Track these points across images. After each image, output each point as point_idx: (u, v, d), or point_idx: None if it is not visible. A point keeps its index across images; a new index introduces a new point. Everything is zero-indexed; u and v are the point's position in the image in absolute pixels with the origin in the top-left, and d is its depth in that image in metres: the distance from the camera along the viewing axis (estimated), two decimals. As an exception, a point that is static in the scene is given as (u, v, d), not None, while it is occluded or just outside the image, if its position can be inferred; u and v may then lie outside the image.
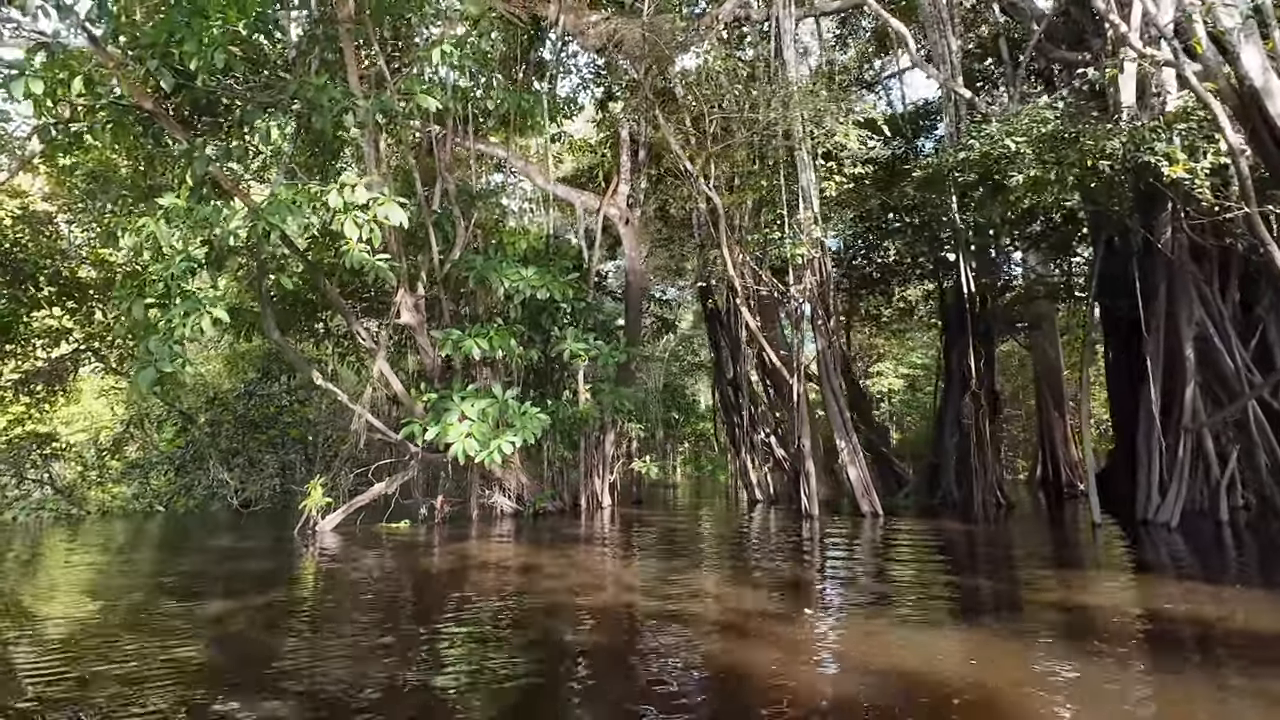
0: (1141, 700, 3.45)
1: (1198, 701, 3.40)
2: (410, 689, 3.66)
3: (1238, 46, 7.56)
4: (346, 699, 3.53)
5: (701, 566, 7.38)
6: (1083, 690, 3.52)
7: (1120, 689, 3.54)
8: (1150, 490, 10.56)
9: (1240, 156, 7.48)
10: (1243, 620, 4.91)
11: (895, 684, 3.62)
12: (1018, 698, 3.41)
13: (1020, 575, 6.78)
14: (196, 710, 3.39)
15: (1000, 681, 3.65)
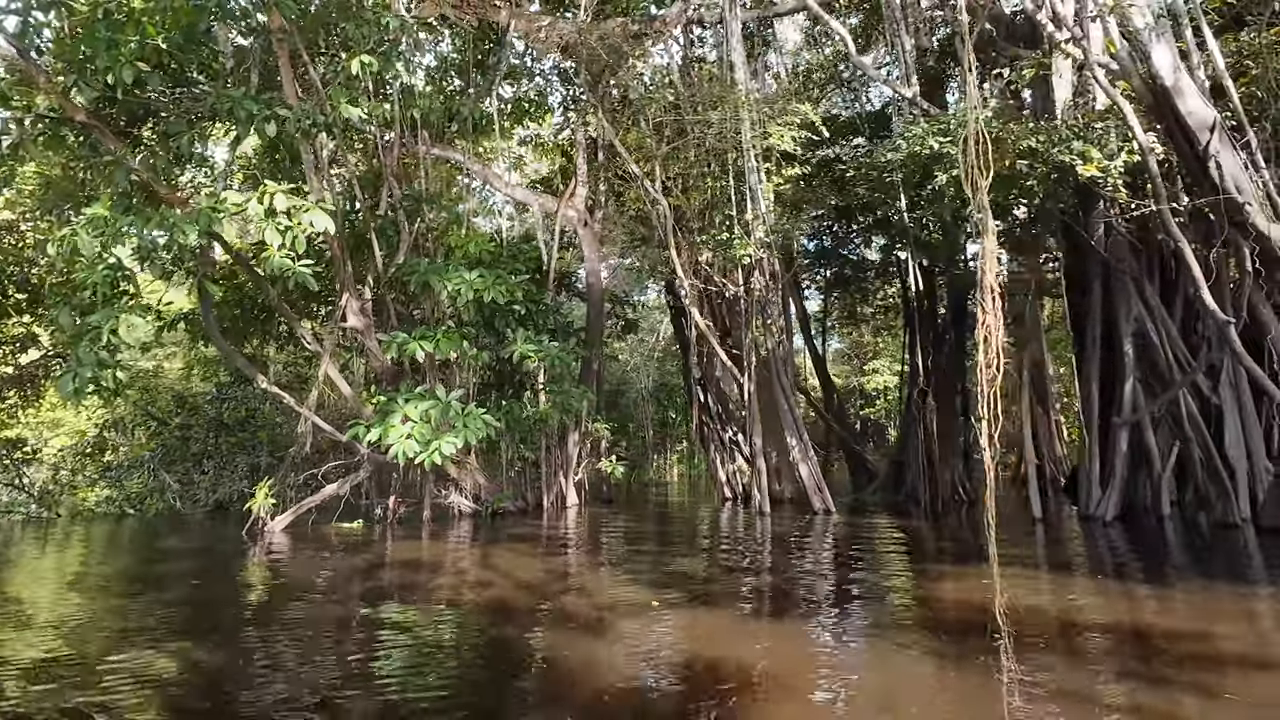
0: (892, 683, 3.66)
1: (948, 686, 3.59)
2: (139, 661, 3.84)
3: (1149, 46, 7.65)
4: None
5: (609, 564, 7.53)
6: (850, 674, 3.74)
7: (885, 676, 3.75)
8: (1091, 485, 10.64)
9: (1150, 155, 7.58)
10: (1081, 613, 5.00)
11: (682, 669, 3.85)
12: (781, 683, 3.60)
13: (912, 569, 6.92)
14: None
15: (780, 668, 3.83)
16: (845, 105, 18.15)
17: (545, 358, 10.95)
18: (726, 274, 12.34)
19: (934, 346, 15.98)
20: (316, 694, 3.58)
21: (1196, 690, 3.41)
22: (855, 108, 17.28)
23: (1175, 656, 3.94)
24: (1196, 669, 3.70)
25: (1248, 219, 7.36)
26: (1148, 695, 3.36)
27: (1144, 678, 3.60)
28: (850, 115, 16.08)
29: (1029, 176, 8.29)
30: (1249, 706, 3.22)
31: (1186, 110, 7.57)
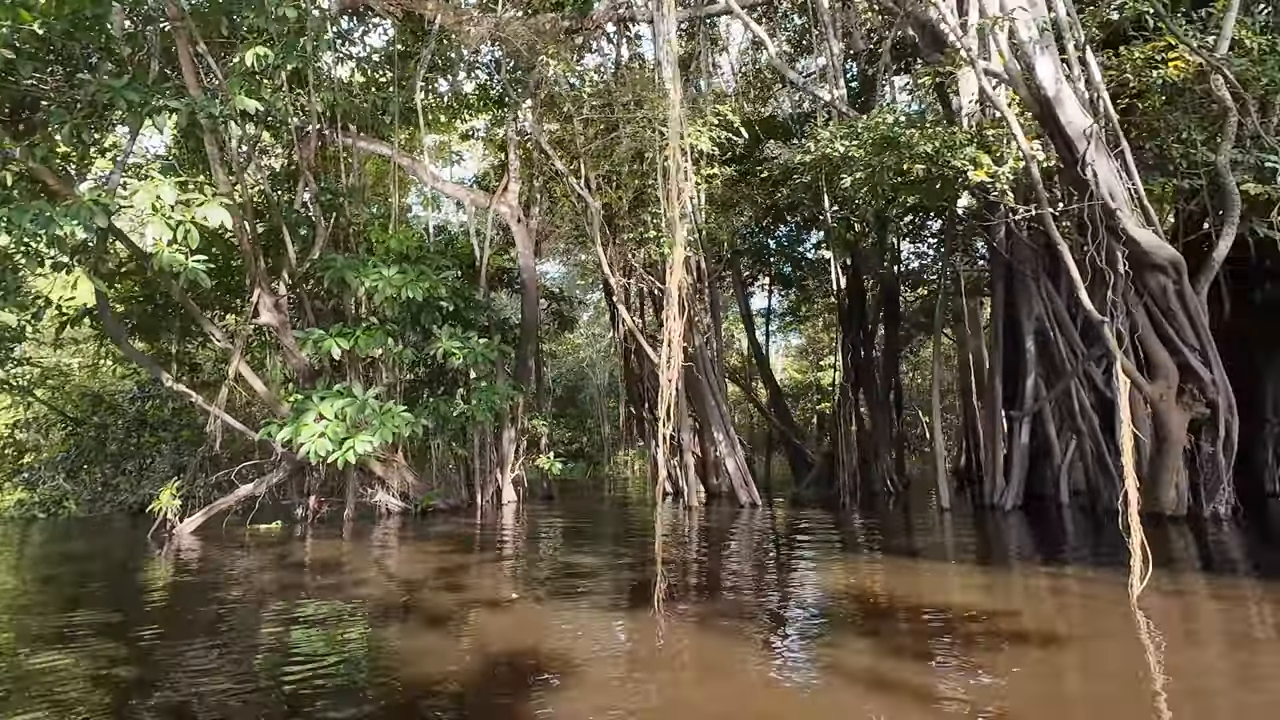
0: (662, 658, 3.98)
1: (715, 662, 3.93)
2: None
3: (1033, 57, 8.03)
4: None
5: (506, 559, 7.61)
6: (638, 663, 3.96)
7: (673, 654, 4.01)
8: (995, 475, 11.15)
9: (1032, 161, 7.97)
10: (909, 596, 5.32)
11: (499, 656, 4.02)
12: (579, 668, 3.78)
13: (793, 559, 7.21)
14: None
15: (581, 654, 4.02)
16: (795, 105, 18.48)
17: (469, 355, 10.91)
18: (653, 271, 12.47)
19: (864, 343, 16.47)
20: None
21: (926, 658, 3.78)
22: (805, 107, 17.61)
23: (949, 631, 4.27)
24: (957, 642, 4.04)
25: (1119, 223, 7.81)
26: (862, 661, 3.74)
27: (890, 649, 3.92)
28: (787, 116, 16.40)
29: (929, 180, 8.60)
30: (960, 670, 3.57)
31: (1066, 119, 7.99)
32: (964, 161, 8.24)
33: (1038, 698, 3.25)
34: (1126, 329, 8.35)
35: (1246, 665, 3.62)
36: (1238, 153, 8.69)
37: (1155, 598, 4.65)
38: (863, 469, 16.13)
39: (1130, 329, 8.32)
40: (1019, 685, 3.38)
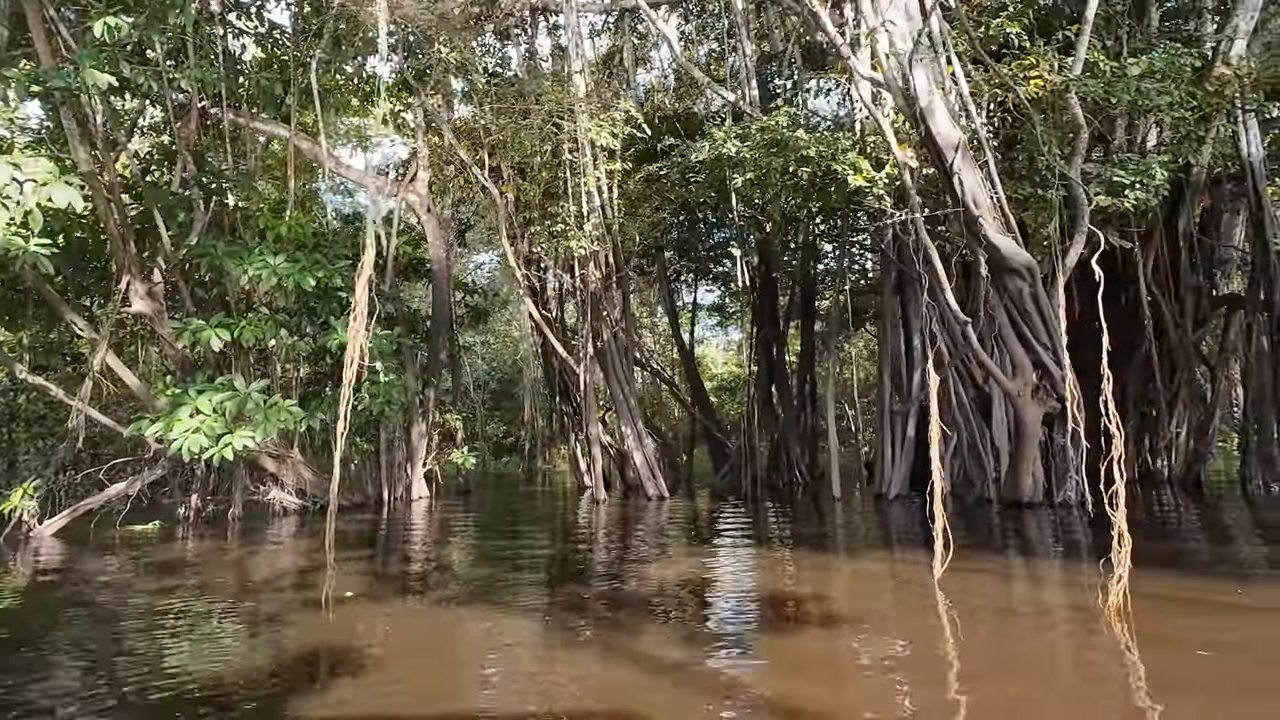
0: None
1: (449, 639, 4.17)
2: None
3: (909, 68, 8.43)
4: None
5: (373, 559, 7.47)
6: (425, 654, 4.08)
7: (438, 655, 4.12)
8: (884, 466, 11.75)
9: (904, 168, 8.38)
10: (733, 583, 5.64)
11: (291, 654, 4.04)
12: (365, 661, 3.86)
13: (646, 549, 7.46)
14: None
15: (377, 649, 4.11)
16: (725, 103, 18.69)
17: (369, 347, 10.58)
18: (562, 264, 12.45)
19: (778, 340, 16.97)
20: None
21: (705, 639, 4.05)
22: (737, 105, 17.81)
23: (746, 614, 4.55)
24: (748, 623, 4.33)
25: (981, 230, 8.33)
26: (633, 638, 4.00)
27: (680, 635, 4.17)
28: (709, 114, 16.62)
29: (814, 182, 8.91)
30: (733, 648, 3.85)
31: (937, 130, 8.44)
32: (845, 166, 8.58)
33: (789, 668, 3.51)
34: (993, 329, 8.93)
35: (992, 633, 4.03)
36: (1097, 166, 9.43)
37: (955, 577, 5.03)
38: (775, 461, 16.72)
39: (994, 328, 8.90)
40: (782, 659, 3.63)
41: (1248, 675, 3.21)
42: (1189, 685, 3.09)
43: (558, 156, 10.44)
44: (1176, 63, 9.04)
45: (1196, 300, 12.30)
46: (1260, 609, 4.27)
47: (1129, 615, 3.91)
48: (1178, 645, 3.61)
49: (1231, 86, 9.36)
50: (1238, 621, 4.05)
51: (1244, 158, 10.16)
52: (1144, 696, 2.99)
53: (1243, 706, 2.88)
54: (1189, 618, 4.21)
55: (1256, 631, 3.82)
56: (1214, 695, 3.00)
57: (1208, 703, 2.93)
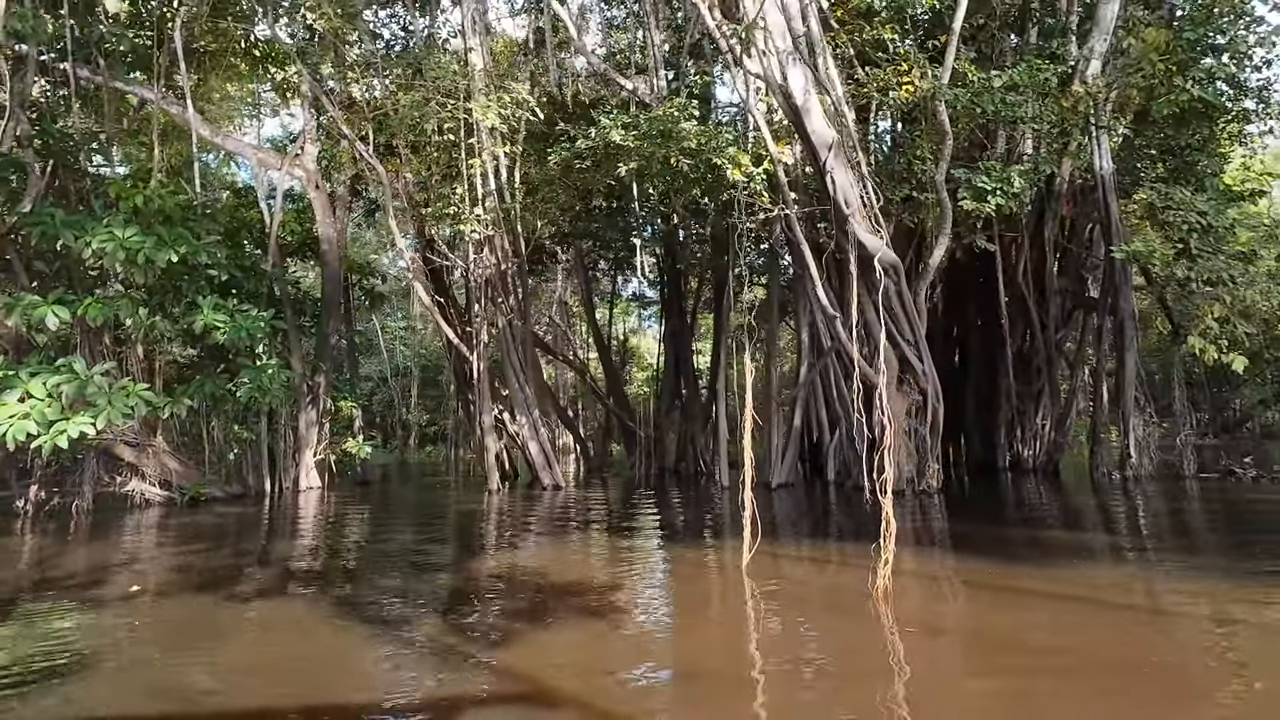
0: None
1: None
2: None
3: (786, 68, 8.59)
4: None
5: (207, 553, 7.10)
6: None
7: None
8: (771, 456, 12.10)
9: (779, 164, 8.56)
10: (547, 572, 5.65)
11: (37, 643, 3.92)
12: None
13: (494, 539, 7.48)
14: None
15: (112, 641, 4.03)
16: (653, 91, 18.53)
17: (233, 329, 9.97)
18: (456, 248, 12.10)
19: (686, 331, 17.17)
20: None
21: (477, 629, 4.06)
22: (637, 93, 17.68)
23: (537, 602, 4.61)
24: (533, 611, 4.37)
25: (851, 227, 8.62)
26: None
27: (459, 624, 4.18)
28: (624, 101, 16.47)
29: (696, 174, 8.95)
30: (494, 635, 3.90)
31: (812, 128, 8.66)
32: (725, 160, 8.67)
33: (530, 656, 3.54)
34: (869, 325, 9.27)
35: (753, 614, 4.23)
36: (966, 172, 9.91)
37: (771, 563, 5.24)
38: (683, 451, 16.96)
39: (866, 324, 9.26)
40: (544, 644, 3.67)
41: (951, 656, 3.47)
42: (889, 667, 3.27)
43: (453, 136, 10.06)
44: (1037, 77, 9.62)
45: (1060, 302, 13.24)
46: (1031, 591, 4.61)
47: (891, 598, 4.12)
48: (920, 626, 3.85)
49: (1084, 103, 10.04)
50: (1003, 603, 4.36)
51: (1096, 171, 10.96)
52: (829, 674, 3.19)
53: (926, 688, 3.04)
54: (956, 601, 4.52)
55: (1006, 614, 4.12)
56: (901, 676, 3.16)
57: (882, 682, 3.09)
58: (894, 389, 9.22)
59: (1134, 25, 10.50)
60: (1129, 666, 3.15)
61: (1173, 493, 9.68)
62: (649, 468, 16.80)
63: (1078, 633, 3.61)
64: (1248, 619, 3.78)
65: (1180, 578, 4.86)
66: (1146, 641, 3.54)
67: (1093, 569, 5.19)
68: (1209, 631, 3.68)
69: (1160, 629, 3.79)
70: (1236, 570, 5.02)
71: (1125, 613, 3.98)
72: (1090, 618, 3.87)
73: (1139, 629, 3.75)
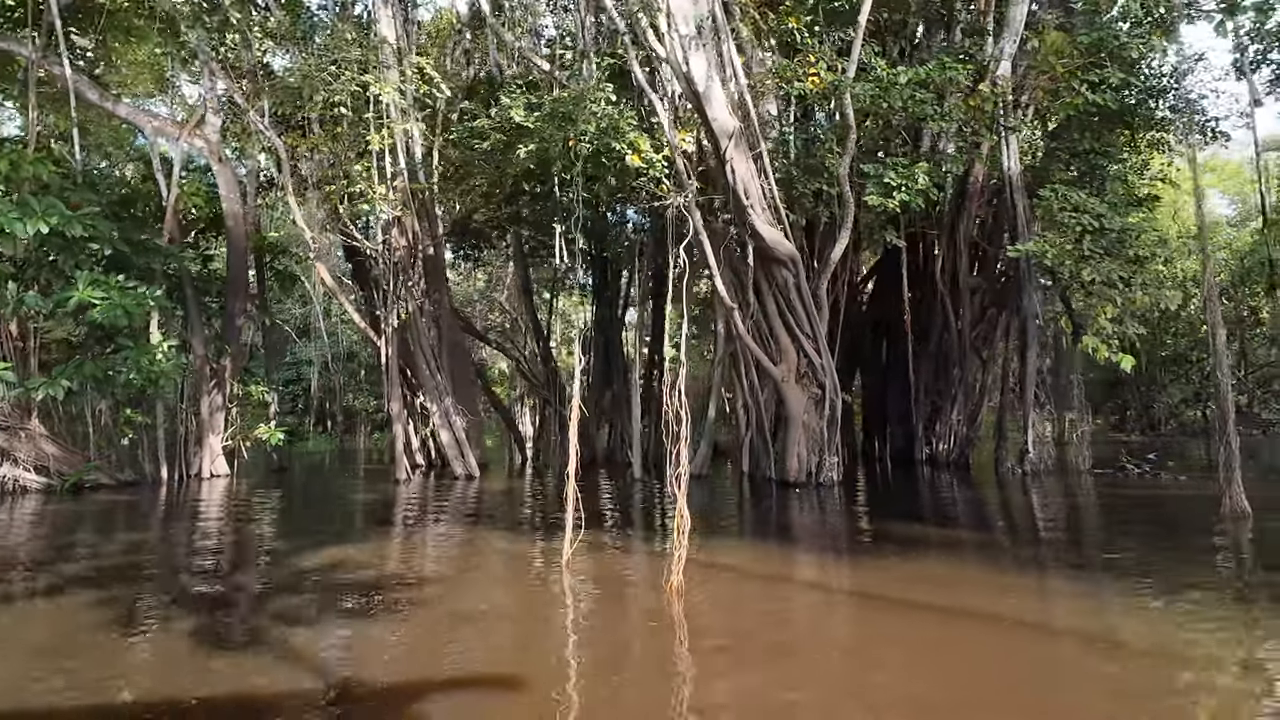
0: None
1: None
2: None
3: (688, 53, 8.42)
4: None
5: (30, 543, 6.73)
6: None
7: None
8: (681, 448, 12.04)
9: (677, 152, 8.41)
10: (376, 566, 5.52)
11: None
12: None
13: (348, 531, 7.30)
14: None
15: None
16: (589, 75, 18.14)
17: (110, 308, 9.39)
18: (366, 230, 11.66)
19: (615, 320, 17.00)
20: None
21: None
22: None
23: (344, 599, 4.47)
24: (339, 606, 4.24)
25: (750, 219, 8.54)
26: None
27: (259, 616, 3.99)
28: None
29: (595, 158, 8.74)
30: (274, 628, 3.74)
31: (713, 116, 8.53)
32: (624, 145, 8.48)
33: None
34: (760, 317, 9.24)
35: (539, 602, 4.21)
36: (874, 167, 9.92)
37: (598, 557, 5.17)
38: (613, 442, 16.85)
39: (764, 314, 9.23)
40: (286, 646, 3.51)
41: (670, 648, 3.44)
42: (635, 654, 3.21)
43: (345, 110, 9.60)
44: (945, 75, 9.67)
45: (974, 300, 13.48)
46: (811, 584, 4.65)
47: (682, 592, 4.07)
48: (697, 617, 3.83)
49: (990, 102, 10.15)
50: (775, 594, 4.41)
51: (1004, 171, 11.12)
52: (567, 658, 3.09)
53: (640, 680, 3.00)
54: (748, 591, 4.51)
55: (764, 605, 4.16)
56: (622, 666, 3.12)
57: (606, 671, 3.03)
58: (792, 381, 9.23)
59: (1043, 27, 10.65)
60: (795, 651, 3.17)
61: (1053, 487, 9.94)
62: (579, 458, 16.62)
63: (806, 622, 3.73)
64: (979, 612, 3.82)
65: (958, 573, 4.91)
66: (856, 631, 3.62)
67: (901, 562, 5.24)
68: (911, 621, 3.77)
69: (873, 620, 3.87)
70: (1036, 563, 5.16)
71: (871, 602, 4.06)
72: (838, 608, 3.95)
73: (872, 616, 3.82)
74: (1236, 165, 30.42)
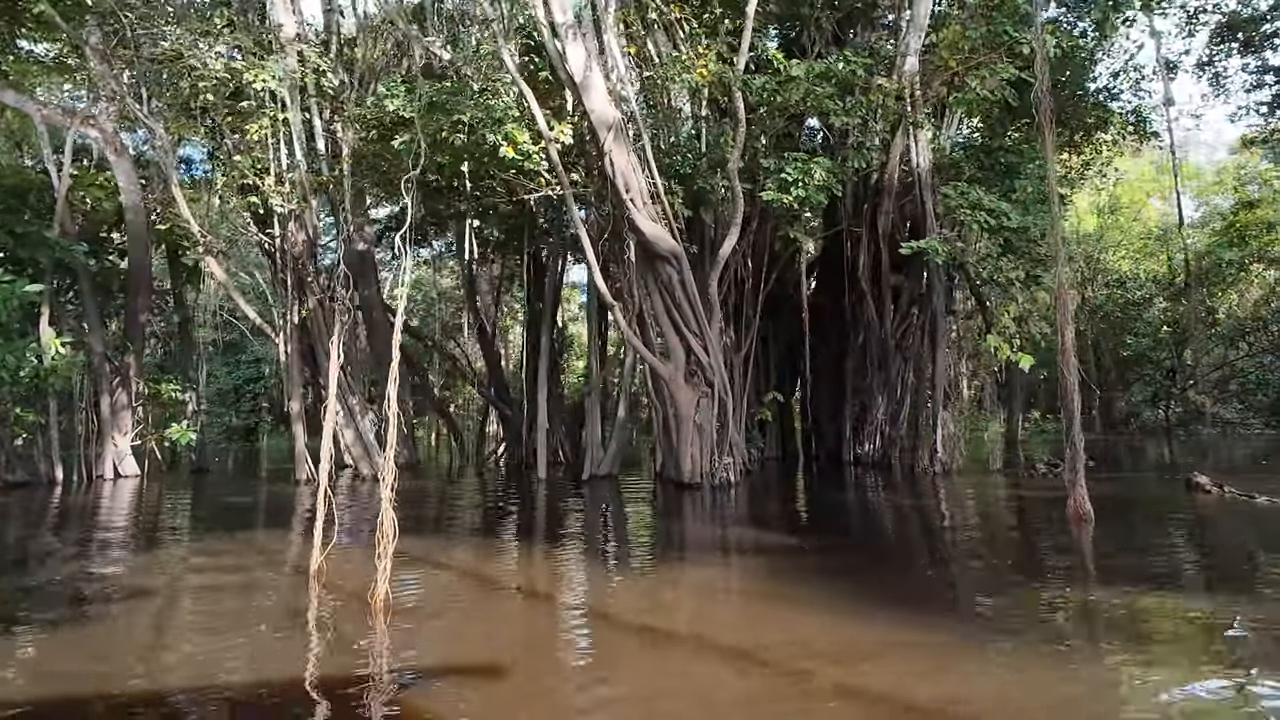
0: None
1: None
2: None
3: (565, 42, 8.18)
4: None
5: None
6: None
7: None
8: (591, 447, 11.84)
9: (551, 142, 8.18)
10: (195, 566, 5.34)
11: None
12: None
13: (163, 537, 6.98)
14: None
15: None
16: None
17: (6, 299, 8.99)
18: (266, 220, 11.31)
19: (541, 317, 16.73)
20: None
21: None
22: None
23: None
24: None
25: (630, 213, 8.32)
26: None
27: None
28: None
29: (469, 149, 8.48)
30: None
31: (590, 107, 8.29)
32: (499, 136, 8.23)
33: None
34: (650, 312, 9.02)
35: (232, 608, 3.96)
36: (774, 162, 9.74)
37: (357, 564, 4.94)
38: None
39: (653, 312, 9.01)
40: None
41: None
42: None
43: (211, 96, 9.26)
44: (847, 69, 9.50)
45: (895, 298, 13.37)
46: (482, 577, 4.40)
47: (323, 582, 3.86)
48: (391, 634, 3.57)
49: (890, 97, 10.01)
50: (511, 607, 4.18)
51: (914, 167, 11.01)
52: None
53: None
54: (458, 603, 4.24)
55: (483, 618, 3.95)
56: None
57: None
58: (681, 380, 9.03)
59: (948, 22, 10.54)
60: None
61: (949, 487, 9.80)
62: (516, 454, 16.35)
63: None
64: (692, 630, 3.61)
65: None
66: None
67: (679, 571, 5.07)
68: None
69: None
70: (805, 569, 4.99)
71: (599, 621, 3.84)
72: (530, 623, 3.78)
73: (579, 633, 3.63)
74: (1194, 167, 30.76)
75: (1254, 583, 4.28)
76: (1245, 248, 19.65)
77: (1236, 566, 4.86)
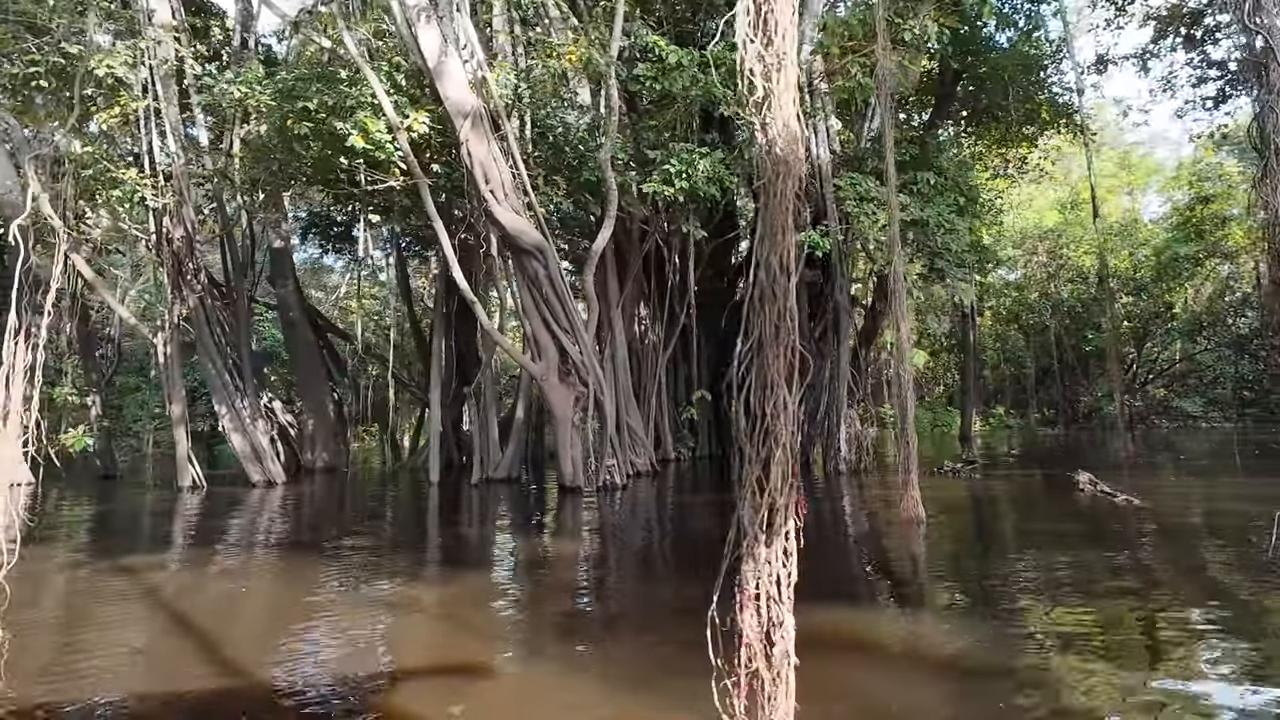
0: None
1: None
2: None
3: (416, 27, 7.78)
4: None
5: None
6: None
7: None
8: (489, 449, 11.45)
9: (402, 132, 7.77)
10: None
11: None
12: None
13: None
14: None
15: None
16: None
17: None
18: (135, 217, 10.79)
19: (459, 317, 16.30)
20: None
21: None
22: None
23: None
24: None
25: (489, 205, 7.94)
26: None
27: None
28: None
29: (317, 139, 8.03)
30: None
31: (447, 95, 7.90)
32: (349, 125, 7.81)
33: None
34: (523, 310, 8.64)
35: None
36: (661, 154, 9.40)
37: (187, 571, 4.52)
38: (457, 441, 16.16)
39: (524, 309, 8.64)
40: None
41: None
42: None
43: (49, 82, 8.73)
44: (734, 58, 9.19)
45: (810, 296, 13.09)
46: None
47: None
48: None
49: (780, 87, 9.70)
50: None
51: (813, 160, 10.71)
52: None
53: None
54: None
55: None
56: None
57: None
58: (554, 380, 8.66)
59: (830, 10, 10.26)
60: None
61: (833, 488, 9.55)
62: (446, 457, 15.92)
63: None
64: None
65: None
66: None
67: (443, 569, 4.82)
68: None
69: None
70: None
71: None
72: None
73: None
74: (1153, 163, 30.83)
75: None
76: (1200, 242, 19.83)
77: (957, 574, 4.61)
